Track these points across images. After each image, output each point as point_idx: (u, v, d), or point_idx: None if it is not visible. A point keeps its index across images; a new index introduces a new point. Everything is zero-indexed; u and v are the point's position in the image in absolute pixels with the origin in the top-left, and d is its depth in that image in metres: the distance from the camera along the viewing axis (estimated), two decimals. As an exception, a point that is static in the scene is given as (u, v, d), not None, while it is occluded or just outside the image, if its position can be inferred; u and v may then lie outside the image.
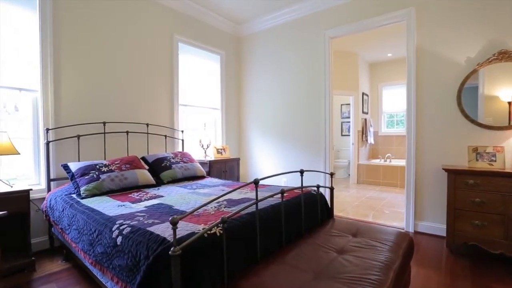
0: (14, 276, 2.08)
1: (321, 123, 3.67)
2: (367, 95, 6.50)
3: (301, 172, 1.82)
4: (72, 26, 2.67)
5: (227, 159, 3.80)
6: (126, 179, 2.42)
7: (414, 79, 2.95)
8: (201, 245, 1.20)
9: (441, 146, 2.82)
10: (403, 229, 3.03)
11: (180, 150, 3.65)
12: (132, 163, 2.61)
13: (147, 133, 3.26)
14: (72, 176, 2.30)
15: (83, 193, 2.17)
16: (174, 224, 1.02)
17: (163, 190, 2.45)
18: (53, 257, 2.40)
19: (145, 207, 1.87)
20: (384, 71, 6.60)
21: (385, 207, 4.00)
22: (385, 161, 6.02)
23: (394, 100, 6.53)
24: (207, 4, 3.73)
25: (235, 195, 2.11)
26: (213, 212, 1.68)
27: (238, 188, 1.41)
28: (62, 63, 2.62)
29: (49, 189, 2.51)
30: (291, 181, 3.97)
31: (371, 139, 6.30)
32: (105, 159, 2.89)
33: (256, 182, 1.41)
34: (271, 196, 1.57)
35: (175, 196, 2.20)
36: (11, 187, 2.18)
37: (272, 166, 4.19)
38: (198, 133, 3.98)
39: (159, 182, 2.73)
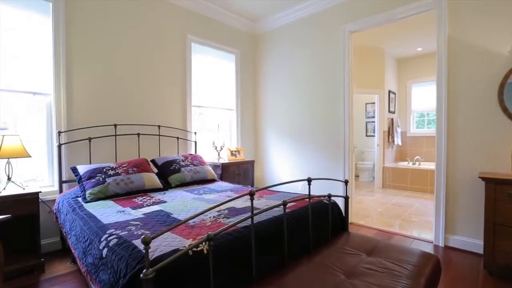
0: (23, 277, 2.11)
1: (340, 124, 3.41)
2: (394, 93, 6.06)
3: (309, 180, 1.63)
4: (84, 29, 2.69)
5: (241, 161, 3.67)
6: (132, 182, 2.37)
7: (445, 73, 2.62)
8: (184, 264, 1.08)
9: (477, 150, 2.47)
10: (432, 242, 2.71)
11: (193, 152, 3.58)
12: (139, 166, 2.57)
13: (159, 135, 3.22)
14: (80, 179, 2.30)
15: (88, 196, 2.15)
16: (146, 244, 0.90)
17: (169, 194, 2.38)
18: (63, 259, 2.42)
19: (144, 214, 1.79)
20: (413, 67, 6.11)
21: (412, 215, 3.65)
22: (414, 164, 5.56)
23: (425, 98, 6.02)
24: (221, 2, 3.63)
25: (239, 203, 1.97)
26: (210, 223, 1.55)
27: (238, 197, 1.27)
28: (74, 66, 2.64)
29: (61, 191, 2.55)
30: (313, 185, 3.76)
31: (398, 140, 5.86)
32: (116, 161, 2.89)
33: (251, 194, 1.26)
34: (269, 209, 1.40)
35: (178, 202, 2.11)
36: (23, 189, 2.22)
37: (289, 169, 4.00)
38: (212, 135, 3.90)
39: (166, 186, 2.67)
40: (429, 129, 6.01)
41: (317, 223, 1.80)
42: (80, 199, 2.18)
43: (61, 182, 2.55)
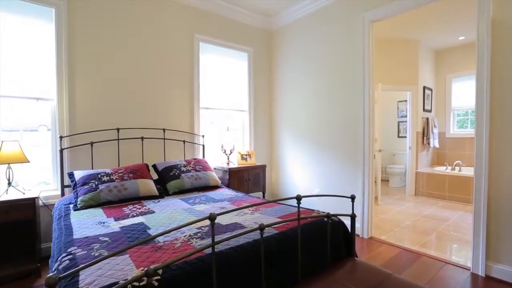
0: (18, 282, 2.12)
1: (359, 125, 3.04)
2: (430, 90, 5.39)
3: (297, 198, 1.37)
4: (87, 33, 2.67)
5: (251, 166, 3.46)
6: (125, 189, 2.29)
7: (487, 64, 2.15)
8: (118, 305, 0.90)
9: (529, 159, 1.98)
10: (469, 269, 2.25)
11: (201, 156, 3.45)
12: (137, 172, 2.48)
13: (164, 139, 3.14)
14: (75, 185, 2.27)
15: (79, 204, 2.10)
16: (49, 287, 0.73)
17: (162, 203, 2.25)
18: (63, 264, 2.41)
19: (121, 227, 1.66)
20: (454, 59, 5.39)
21: (447, 231, 3.14)
22: (453, 169, 4.89)
23: (468, 94, 5.27)
24: (230, -2, 3.45)
25: (227, 218, 1.76)
26: (180, 244, 1.36)
27: (193, 222, 1.06)
28: (77, 70, 2.64)
29: (62, 195, 2.56)
30: (329, 192, 3.43)
31: (435, 142, 5.20)
32: (118, 166, 2.86)
33: (211, 219, 1.04)
34: (237, 236, 1.16)
35: (166, 213, 1.97)
36: (24, 193, 2.25)
37: (305, 173, 3.70)
38: (222, 138, 3.74)
39: (164, 193, 2.55)
40: (473, 130, 5.24)
41: (312, 247, 1.53)
42: (71, 206, 2.13)
43: (63, 186, 2.56)
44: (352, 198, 1.66)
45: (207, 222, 1.67)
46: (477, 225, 2.23)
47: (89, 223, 1.73)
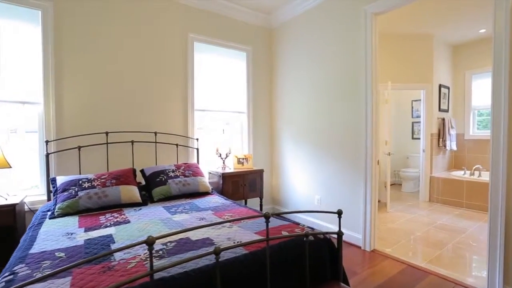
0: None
1: (361, 127, 2.80)
2: (447, 88, 5.00)
3: (266, 217, 1.19)
4: (74, 35, 2.61)
5: (247, 171, 3.29)
6: (106, 196, 2.19)
7: (506, 59, 1.89)
8: None
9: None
10: (483, 291, 1.98)
11: (195, 160, 3.33)
12: (121, 177, 2.39)
13: (155, 142, 3.04)
14: (55, 191, 2.20)
15: (56, 211, 2.02)
16: None
17: (143, 212, 2.14)
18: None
19: (86, 240, 1.55)
20: (474, 54, 4.97)
21: (462, 244, 2.83)
22: (472, 174, 4.49)
23: (490, 92, 4.83)
24: (225, -5, 3.31)
25: (201, 233, 1.61)
26: (135, 264, 1.22)
27: (122, 248, 0.92)
28: (65, 73, 2.58)
29: (49, 201, 2.50)
30: (329, 199, 3.22)
31: (452, 145, 4.81)
32: (108, 170, 2.78)
33: (149, 243, 0.88)
34: (180, 263, 0.99)
35: (141, 223, 1.84)
36: (6, 199, 2.21)
37: (306, 179, 3.48)
38: (219, 140, 3.60)
39: (147, 200, 2.44)
40: (496, 131, 4.80)
41: (290, 269, 1.34)
42: (49, 213, 2.06)
43: (49, 192, 2.50)
44: (339, 213, 1.46)
45: (176, 236, 1.53)
46: (493, 241, 1.96)
47: (56, 234, 1.64)
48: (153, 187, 2.52)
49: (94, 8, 2.71)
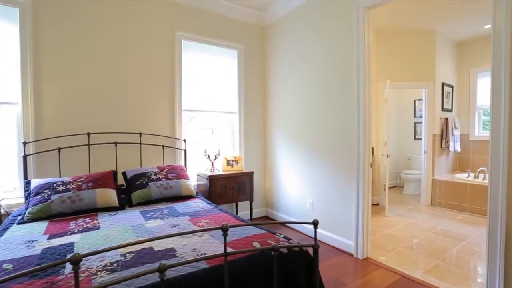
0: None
1: (353, 129, 2.65)
2: (451, 86, 4.79)
3: (224, 229, 1.06)
4: (55, 32, 2.53)
5: (235, 173, 3.17)
6: (81, 200, 2.10)
7: (506, 57, 1.72)
8: None
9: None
10: (480, 307, 1.81)
11: (182, 162, 3.22)
12: (98, 180, 2.29)
13: (140, 144, 2.94)
14: (28, 195, 2.11)
15: (26, 216, 1.93)
16: None
17: (118, 217, 2.03)
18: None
19: (45, 249, 1.45)
20: (479, 51, 4.75)
21: (463, 253, 2.65)
22: (476, 177, 4.27)
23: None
24: (213, -9, 3.20)
25: (167, 242, 1.49)
26: (84, 278, 1.11)
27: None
28: (44, 72, 2.50)
29: (26, 204, 2.43)
30: (322, 203, 3.08)
31: (455, 146, 4.60)
32: (89, 172, 2.69)
33: (73, 262, 0.77)
34: (123, 280, 0.87)
35: (111, 229, 1.74)
36: (-21, 203, 2.13)
37: (299, 182, 3.34)
38: (210, 142, 3.48)
39: (124, 205, 2.33)
40: (503, 131, 4.58)
41: (255, 284, 1.21)
42: (19, 218, 1.97)
43: (25, 195, 2.42)
44: (314, 224, 1.32)
45: (140, 246, 1.42)
46: (493, 249, 1.79)
47: (15, 242, 1.54)
48: (133, 191, 2.42)
49: (76, 6, 2.62)
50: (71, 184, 2.18)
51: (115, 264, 1.23)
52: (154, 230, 1.74)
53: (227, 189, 3.09)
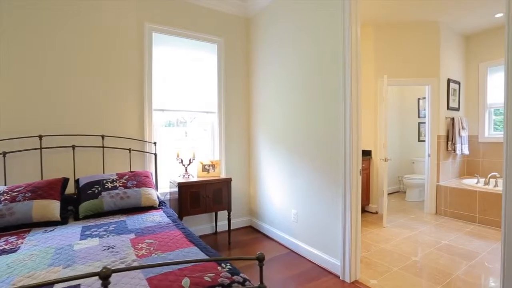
0: None
1: (339, 131, 2.28)
2: (457, 83, 4.37)
3: (102, 277, 0.72)
4: (4, 24, 2.26)
5: (211, 180, 2.83)
6: (12, 214, 1.79)
7: None
8: None
9: None
10: None
11: (153, 167, 2.91)
12: (39, 190, 1.98)
13: (102, 147, 2.64)
14: (-47, 208, 1.82)
15: None
16: None
17: (53, 234, 1.72)
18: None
19: None
20: (490, 43, 4.32)
21: (470, 276, 2.25)
22: (487, 183, 3.83)
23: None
24: (186, -22, 2.89)
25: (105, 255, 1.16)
26: None
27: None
28: (-13, 68, 2.23)
29: (-36, 217, 2.14)
30: (306, 215, 2.72)
31: (463, 148, 4.17)
32: (41, 179, 2.40)
33: None
34: None
35: (28, 253, 1.42)
36: None
37: (282, 191, 2.98)
38: (189, 145, 3.16)
39: (67, 218, 2.02)
40: (517, 132, 4.12)
41: None
42: None
43: (-36, 206, 2.14)
44: (259, 259, 0.97)
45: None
46: (510, 270, 1.40)
47: None
48: (82, 201, 2.11)
49: (24, -8, 2.34)
50: (5, 194, 1.88)
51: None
52: (80, 254, 1.41)
53: (200, 197, 2.76)
